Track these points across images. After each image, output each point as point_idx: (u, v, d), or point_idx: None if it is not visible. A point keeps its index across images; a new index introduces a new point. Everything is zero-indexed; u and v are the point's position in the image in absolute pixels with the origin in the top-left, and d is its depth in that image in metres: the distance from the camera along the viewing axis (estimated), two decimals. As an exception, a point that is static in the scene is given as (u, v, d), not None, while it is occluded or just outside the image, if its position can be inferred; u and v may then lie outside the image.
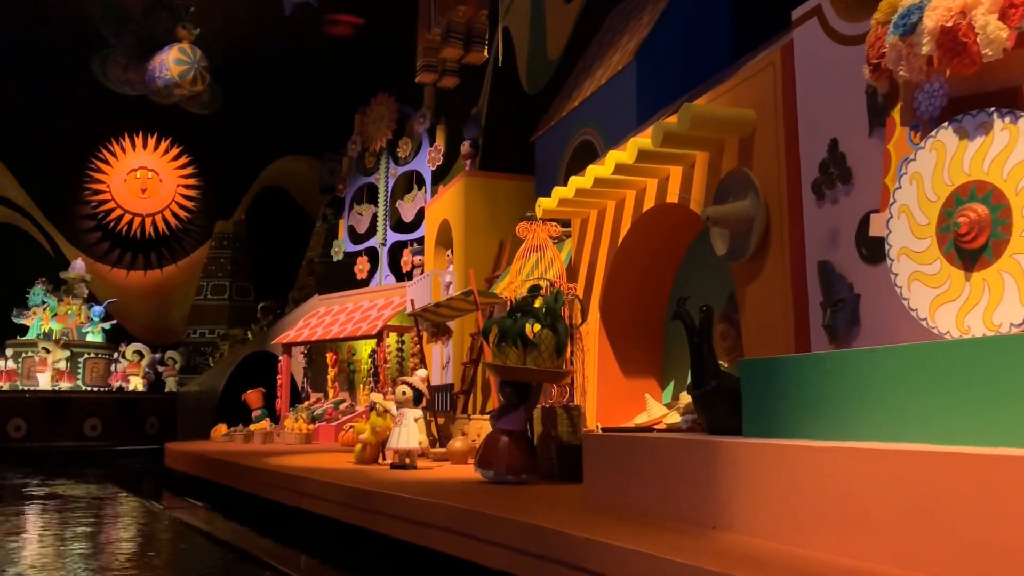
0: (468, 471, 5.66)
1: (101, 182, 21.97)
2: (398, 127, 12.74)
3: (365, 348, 12.11)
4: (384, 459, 6.83)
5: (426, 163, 12.13)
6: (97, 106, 20.44)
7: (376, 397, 6.53)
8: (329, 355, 12.33)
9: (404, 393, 6.22)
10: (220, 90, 19.09)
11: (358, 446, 6.93)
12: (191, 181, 22.85)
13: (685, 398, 4.62)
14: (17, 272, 17.70)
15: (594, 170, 5.67)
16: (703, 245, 5.78)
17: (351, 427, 7.69)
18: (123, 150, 22.19)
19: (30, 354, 16.19)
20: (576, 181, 5.93)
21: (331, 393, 12.19)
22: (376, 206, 12.97)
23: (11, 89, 19.61)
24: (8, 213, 20.90)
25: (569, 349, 5.61)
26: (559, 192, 6.16)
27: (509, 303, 6.52)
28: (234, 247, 21.63)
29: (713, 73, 6.21)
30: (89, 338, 17.12)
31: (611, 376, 6.34)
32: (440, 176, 12.02)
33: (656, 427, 5.81)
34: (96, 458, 14.09)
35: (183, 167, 22.72)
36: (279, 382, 12.53)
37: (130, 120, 21.52)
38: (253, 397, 11.82)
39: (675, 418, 5.70)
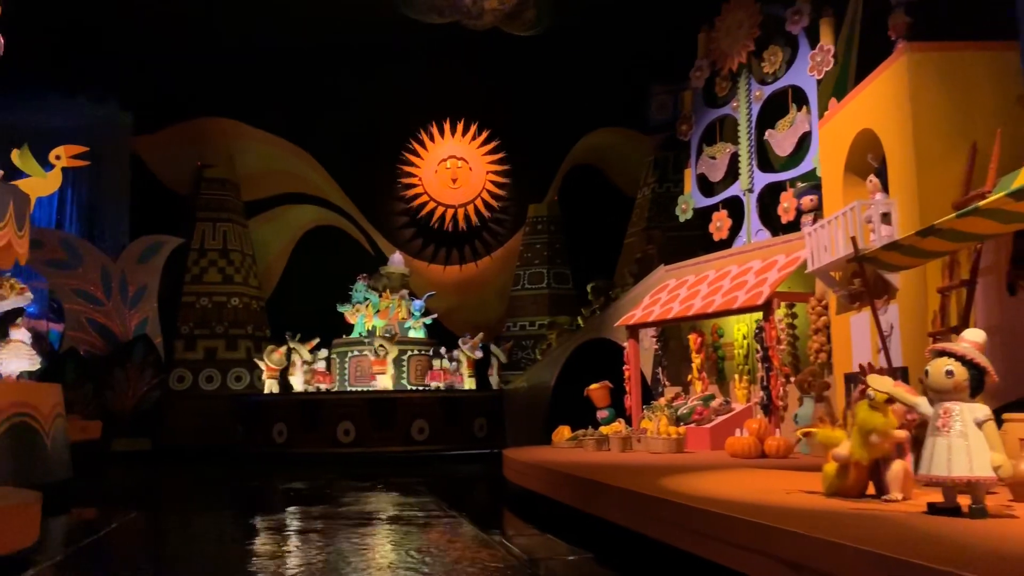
0: None
1: (413, 175, 21.29)
2: (761, 35, 9.66)
3: (735, 326, 9.29)
4: (886, 491, 3.96)
5: (807, 72, 8.96)
6: (405, 95, 19.74)
7: (879, 382, 3.68)
8: (692, 337, 9.63)
9: (949, 374, 3.34)
10: (548, 7, 16.92)
11: (830, 466, 4.15)
12: (500, 167, 21.52)
13: None
14: (340, 273, 17.16)
15: None
16: None
17: (800, 434, 4.86)
18: (431, 139, 21.35)
19: (355, 353, 15.27)
20: None
21: (698, 386, 9.49)
22: (736, 144, 10.04)
23: (326, 97, 19.46)
24: (330, 215, 20.86)
25: None
26: None
27: None
28: (549, 231, 19.98)
29: None
30: (411, 334, 15.92)
31: None
32: (828, 86, 8.86)
33: None
34: (425, 464, 12.70)
35: (491, 152, 21.45)
36: (626, 374, 10.08)
37: (437, 104, 20.61)
38: (598, 394, 9.48)
39: None
